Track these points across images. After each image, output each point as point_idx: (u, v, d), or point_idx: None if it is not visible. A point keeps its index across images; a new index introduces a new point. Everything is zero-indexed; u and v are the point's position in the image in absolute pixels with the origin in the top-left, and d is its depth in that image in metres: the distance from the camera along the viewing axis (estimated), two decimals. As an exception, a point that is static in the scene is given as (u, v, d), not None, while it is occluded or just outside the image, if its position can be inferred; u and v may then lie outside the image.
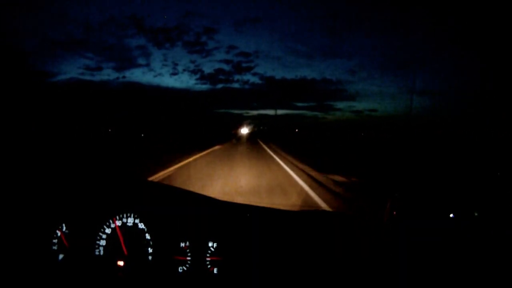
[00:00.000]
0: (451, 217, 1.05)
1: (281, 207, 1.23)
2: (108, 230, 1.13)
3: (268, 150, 14.91)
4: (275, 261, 1.02)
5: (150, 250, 1.10)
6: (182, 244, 1.08)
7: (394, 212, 1.11)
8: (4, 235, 1.13)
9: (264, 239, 1.06)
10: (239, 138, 35.72)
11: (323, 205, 4.05)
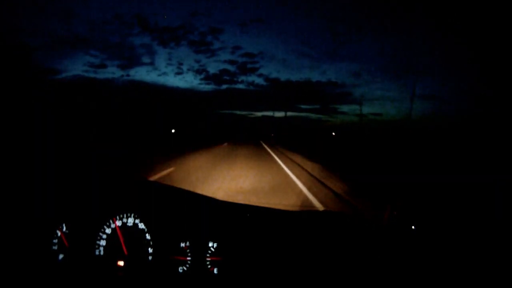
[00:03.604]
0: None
1: (281, 207, 1.22)
2: (108, 230, 1.13)
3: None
4: (275, 261, 1.02)
5: (150, 250, 1.10)
6: (182, 244, 1.08)
7: (395, 212, 1.11)
8: (4, 235, 1.13)
9: (264, 239, 1.06)
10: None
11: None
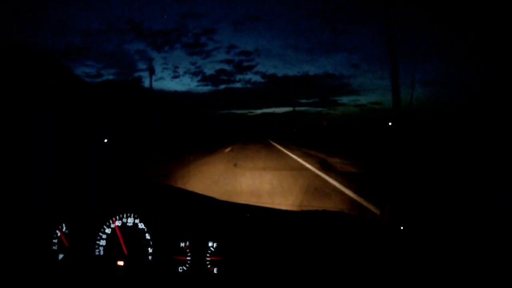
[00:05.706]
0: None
1: (281, 207, 1.22)
2: (108, 230, 1.13)
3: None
4: (275, 261, 1.02)
5: (150, 250, 1.10)
6: (182, 244, 1.08)
7: (395, 213, 1.11)
8: (4, 235, 1.13)
9: (264, 239, 1.06)
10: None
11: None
